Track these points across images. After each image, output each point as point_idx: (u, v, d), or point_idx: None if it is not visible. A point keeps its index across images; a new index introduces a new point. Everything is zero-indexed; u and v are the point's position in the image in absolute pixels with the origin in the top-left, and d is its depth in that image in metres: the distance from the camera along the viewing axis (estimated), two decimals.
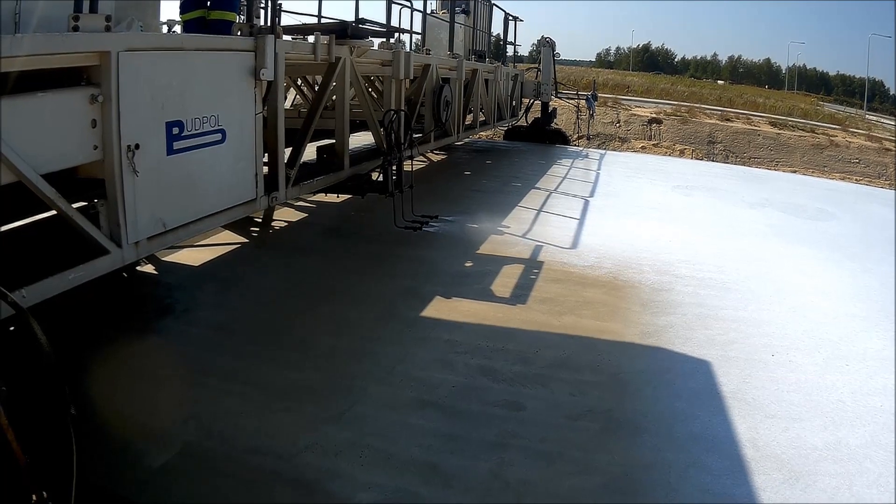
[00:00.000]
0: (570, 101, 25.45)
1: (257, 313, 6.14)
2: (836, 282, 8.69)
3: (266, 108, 6.62)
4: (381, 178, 9.36)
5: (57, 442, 2.87)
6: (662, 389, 5.72)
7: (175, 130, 5.25)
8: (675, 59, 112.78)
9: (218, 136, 5.75)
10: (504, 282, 8.10)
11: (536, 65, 22.69)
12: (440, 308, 7.22)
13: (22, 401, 2.93)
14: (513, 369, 5.93)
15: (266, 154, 6.76)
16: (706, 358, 6.28)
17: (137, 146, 4.81)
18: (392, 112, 9.24)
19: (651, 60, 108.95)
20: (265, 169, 6.73)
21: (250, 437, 4.86)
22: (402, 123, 9.45)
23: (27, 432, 2.77)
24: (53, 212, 4.44)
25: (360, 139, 11.75)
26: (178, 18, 7.54)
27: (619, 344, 6.54)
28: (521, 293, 7.74)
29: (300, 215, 10.41)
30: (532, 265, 8.77)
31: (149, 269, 7.85)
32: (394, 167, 9.36)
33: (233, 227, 9.09)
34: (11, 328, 4.61)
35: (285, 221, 9.92)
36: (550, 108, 22.21)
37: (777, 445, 4.90)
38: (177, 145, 5.28)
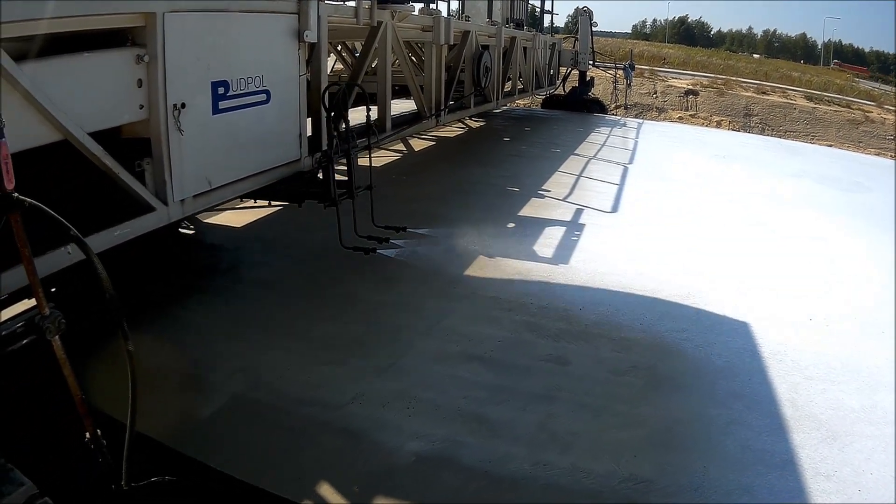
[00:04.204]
0: (608, 71, 25.28)
1: (301, 271, 6.21)
2: (873, 252, 8.65)
3: (309, 71, 6.64)
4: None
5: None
6: (704, 348, 5.75)
7: (220, 90, 5.28)
8: (711, 32, 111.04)
9: (262, 97, 5.78)
10: (546, 242, 8.14)
11: (573, 34, 22.59)
12: (483, 266, 7.26)
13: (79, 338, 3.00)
14: (557, 325, 5.97)
15: (309, 116, 6.78)
16: (746, 319, 6.30)
17: (183, 105, 4.86)
18: (336, 87, 7.07)
19: (687, 33, 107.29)
20: (308, 130, 6.76)
21: (298, 388, 4.93)
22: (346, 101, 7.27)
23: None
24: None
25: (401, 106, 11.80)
26: None
27: (662, 303, 6.55)
28: (563, 253, 7.77)
29: (339, 178, 10.29)
30: (573, 227, 8.79)
31: (190, 230, 7.94)
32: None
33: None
34: (53, 289, 4.70)
35: None
36: (588, 78, 22.09)
37: (815, 406, 4.93)
38: (222, 105, 5.31)
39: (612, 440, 4.46)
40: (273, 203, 7.83)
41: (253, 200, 6.80)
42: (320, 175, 6.70)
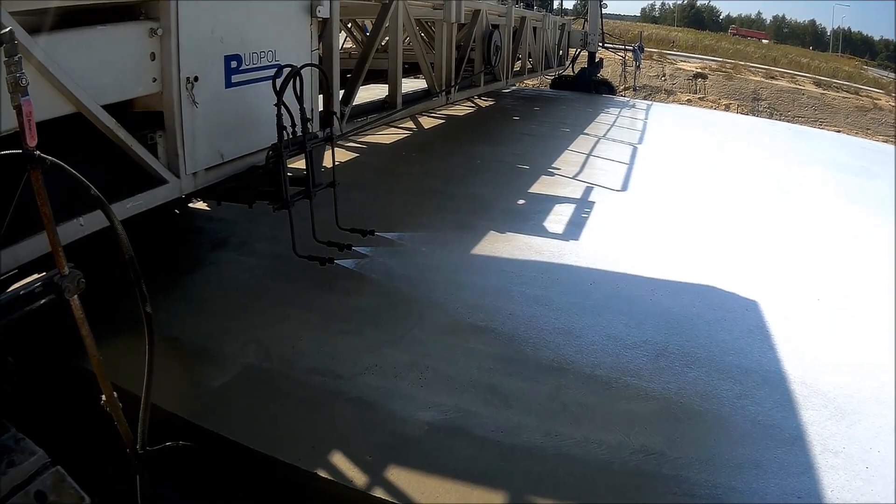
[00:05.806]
0: (617, 53, 25.26)
1: (314, 244, 6.20)
2: (882, 237, 8.63)
3: (321, 46, 6.64)
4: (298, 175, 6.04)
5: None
6: (715, 325, 5.75)
7: (233, 64, 5.31)
8: (720, 17, 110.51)
9: (275, 71, 5.79)
10: (557, 218, 8.16)
11: (582, 16, 22.61)
12: (494, 241, 7.28)
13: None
14: (568, 300, 5.99)
15: (320, 93, 6.79)
16: (757, 299, 6.30)
17: (196, 78, 4.88)
18: (290, 69, 5.49)
19: (696, 17, 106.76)
20: (320, 105, 6.76)
21: (310, 358, 4.95)
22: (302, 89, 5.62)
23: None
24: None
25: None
26: None
27: (671, 280, 6.56)
28: (573, 229, 7.79)
29: (350, 155, 10.46)
30: (583, 204, 8.79)
31: (200, 205, 7.93)
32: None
33: None
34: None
35: (337, 162, 10.04)
36: (597, 59, 22.07)
37: (824, 384, 4.94)
38: (235, 79, 5.34)
39: (623, 412, 4.49)
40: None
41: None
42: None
